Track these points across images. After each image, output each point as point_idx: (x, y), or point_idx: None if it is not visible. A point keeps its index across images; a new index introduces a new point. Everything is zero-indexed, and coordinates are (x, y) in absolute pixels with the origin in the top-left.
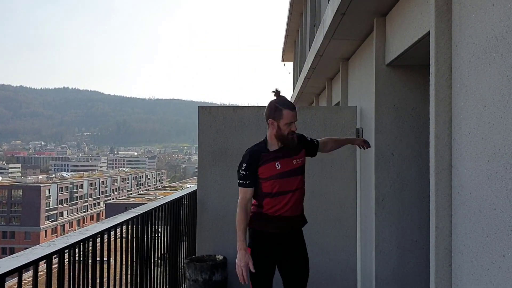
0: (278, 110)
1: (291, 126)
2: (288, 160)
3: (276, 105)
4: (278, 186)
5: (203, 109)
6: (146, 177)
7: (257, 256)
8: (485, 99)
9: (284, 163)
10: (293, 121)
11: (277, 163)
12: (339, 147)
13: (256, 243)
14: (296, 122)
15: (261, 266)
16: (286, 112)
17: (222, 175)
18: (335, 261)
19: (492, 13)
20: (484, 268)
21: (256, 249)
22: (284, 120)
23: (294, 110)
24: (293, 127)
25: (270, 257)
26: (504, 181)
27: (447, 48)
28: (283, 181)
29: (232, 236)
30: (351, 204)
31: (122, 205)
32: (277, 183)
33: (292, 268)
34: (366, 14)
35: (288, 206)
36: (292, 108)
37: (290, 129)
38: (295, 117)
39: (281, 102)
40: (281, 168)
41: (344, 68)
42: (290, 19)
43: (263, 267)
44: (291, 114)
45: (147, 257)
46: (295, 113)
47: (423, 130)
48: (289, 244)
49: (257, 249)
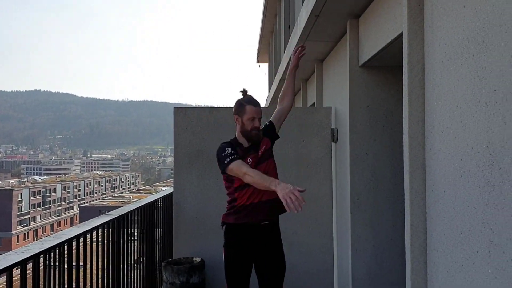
0: (242, 106)
1: (254, 121)
2: (256, 154)
3: (240, 101)
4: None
5: (178, 110)
6: (120, 180)
7: (232, 253)
8: (457, 98)
9: (254, 157)
10: (256, 117)
11: (249, 158)
12: (292, 88)
13: (231, 240)
14: (260, 119)
15: (237, 263)
16: (249, 108)
17: (199, 176)
18: (311, 260)
19: (463, 14)
20: (459, 264)
21: (232, 246)
22: (247, 115)
23: (257, 106)
24: (256, 123)
25: (246, 254)
26: (477, 179)
27: (419, 49)
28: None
29: (209, 238)
30: (327, 203)
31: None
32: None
33: (269, 266)
34: (340, 15)
35: (259, 191)
36: (255, 104)
37: (253, 124)
38: (259, 113)
39: (245, 99)
40: (252, 163)
41: (319, 70)
42: (264, 21)
43: (239, 264)
44: (254, 110)
45: (122, 261)
46: (258, 109)
47: (397, 129)
48: (265, 240)
49: (233, 246)
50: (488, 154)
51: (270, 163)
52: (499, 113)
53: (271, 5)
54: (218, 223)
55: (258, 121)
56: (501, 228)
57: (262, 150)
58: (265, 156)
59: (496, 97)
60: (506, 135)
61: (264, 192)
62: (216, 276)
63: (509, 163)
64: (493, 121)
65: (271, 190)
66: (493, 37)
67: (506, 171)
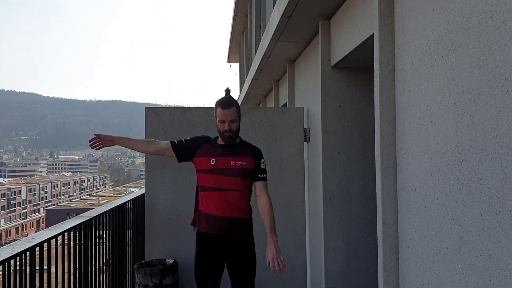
0: (215, 108)
1: (224, 124)
2: (226, 160)
3: (216, 102)
4: (209, 181)
5: (150, 110)
6: (88, 182)
7: (202, 254)
8: (427, 99)
9: (220, 161)
10: (225, 120)
11: (213, 159)
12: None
13: (200, 243)
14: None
15: (206, 264)
16: (219, 110)
17: (171, 177)
18: (284, 258)
19: (432, 17)
20: (430, 260)
21: (201, 247)
22: (218, 118)
23: (226, 108)
24: (226, 126)
25: (216, 255)
26: (446, 177)
27: (390, 51)
28: (216, 178)
29: (182, 239)
30: (300, 202)
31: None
32: (209, 177)
33: (238, 267)
34: (311, 17)
35: (218, 204)
36: (224, 106)
37: (224, 127)
38: (228, 117)
39: (220, 100)
40: (215, 165)
41: (291, 70)
42: (235, 21)
43: (208, 265)
44: (223, 113)
45: (91, 264)
46: (227, 112)
47: (367, 129)
48: (233, 248)
49: (202, 247)
50: (457, 153)
51: (240, 181)
52: (467, 113)
53: (242, 5)
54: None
55: (228, 124)
56: (470, 224)
57: (238, 164)
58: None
59: (464, 97)
60: (474, 134)
61: (219, 207)
62: (189, 277)
63: (477, 161)
64: (462, 121)
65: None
66: (461, 40)
67: (475, 169)
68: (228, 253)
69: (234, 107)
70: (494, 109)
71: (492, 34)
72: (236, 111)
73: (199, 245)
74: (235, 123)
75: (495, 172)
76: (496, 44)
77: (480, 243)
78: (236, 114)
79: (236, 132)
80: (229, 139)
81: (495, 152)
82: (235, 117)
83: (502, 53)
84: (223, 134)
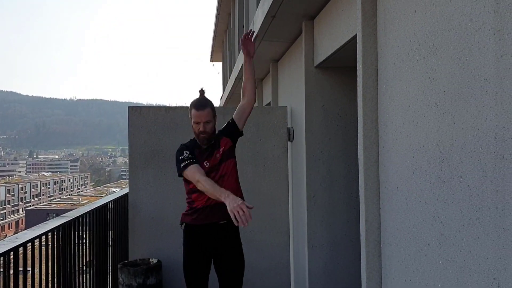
0: (190, 110)
1: (199, 126)
2: (214, 156)
3: (191, 103)
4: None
5: (133, 109)
6: (69, 182)
7: (190, 251)
8: (409, 99)
9: (212, 160)
10: (200, 122)
11: (206, 161)
12: (251, 80)
13: (189, 239)
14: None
15: (195, 261)
16: (193, 112)
17: (155, 177)
18: (268, 257)
19: (414, 18)
20: (412, 257)
21: (190, 245)
22: (192, 119)
23: (200, 110)
24: (201, 128)
25: (204, 252)
26: (428, 175)
27: (373, 51)
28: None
29: (166, 239)
30: (284, 201)
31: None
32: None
33: (227, 265)
34: (295, 17)
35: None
36: (197, 108)
37: (199, 128)
38: (202, 118)
39: (194, 101)
40: (209, 166)
41: (274, 70)
42: (218, 19)
43: (197, 262)
44: (197, 114)
45: (73, 264)
46: (201, 114)
47: (350, 129)
48: (223, 239)
49: (191, 245)
50: (439, 152)
51: (228, 164)
52: (448, 113)
53: (225, 3)
54: (175, 223)
55: (203, 125)
56: (450, 221)
57: (221, 151)
58: (224, 157)
59: (445, 97)
60: (455, 133)
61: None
62: (173, 277)
63: (458, 160)
64: (443, 120)
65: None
66: (442, 41)
67: (455, 168)
68: (216, 244)
69: (208, 108)
70: (474, 109)
71: (472, 36)
72: (210, 112)
73: (187, 239)
74: (209, 123)
75: (474, 170)
76: (475, 46)
77: (460, 239)
78: (211, 115)
79: (211, 133)
80: (205, 140)
81: (475, 150)
82: (209, 118)
83: (481, 54)
84: (198, 136)
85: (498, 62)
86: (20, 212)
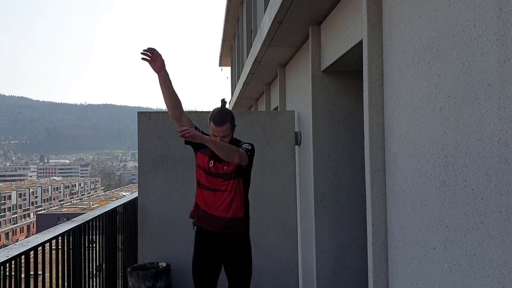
0: (210, 120)
1: (217, 138)
2: (221, 164)
3: (211, 114)
4: (204, 180)
5: (142, 114)
6: (79, 186)
7: (199, 252)
8: (414, 103)
9: (216, 165)
10: (216, 135)
11: (211, 161)
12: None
13: (198, 239)
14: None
15: (203, 262)
16: (211, 125)
17: (164, 181)
18: (277, 261)
19: (419, 24)
20: (418, 260)
21: (199, 246)
22: (211, 131)
23: (218, 125)
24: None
25: (214, 254)
26: (433, 179)
27: (378, 56)
28: (210, 179)
29: (175, 243)
30: (292, 205)
31: (55, 216)
32: (204, 176)
33: (235, 267)
34: (302, 22)
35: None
36: (216, 123)
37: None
38: (219, 133)
39: (214, 113)
40: (212, 167)
41: (282, 74)
42: (226, 25)
43: (205, 263)
44: (214, 129)
45: (84, 268)
46: (220, 129)
47: (357, 132)
48: (230, 245)
49: (200, 246)
50: (443, 156)
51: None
52: (452, 117)
53: (233, 9)
54: (184, 227)
55: (220, 139)
56: (455, 225)
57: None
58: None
59: (450, 102)
60: (459, 138)
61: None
62: (182, 280)
63: (462, 164)
64: (448, 125)
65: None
66: (447, 46)
67: (460, 172)
68: (226, 250)
69: (227, 124)
70: (478, 113)
71: (475, 41)
72: (228, 127)
73: (198, 241)
74: (227, 137)
75: (479, 174)
76: (479, 51)
77: (465, 243)
78: (229, 129)
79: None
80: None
81: (479, 155)
82: (227, 133)
83: (484, 59)
84: None
85: (501, 67)
86: (31, 216)
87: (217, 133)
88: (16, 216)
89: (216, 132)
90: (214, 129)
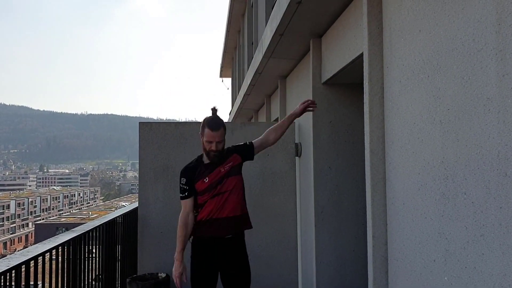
0: (203, 127)
1: (211, 145)
2: (216, 171)
3: (203, 121)
4: (207, 194)
5: (143, 125)
6: (79, 196)
7: (197, 264)
8: (414, 116)
9: (212, 175)
10: (213, 141)
11: (206, 178)
12: (284, 129)
13: (197, 252)
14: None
15: (202, 274)
16: (207, 131)
17: (165, 191)
18: (276, 273)
19: (419, 38)
20: (418, 272)
21: (197, 257)
22: (205, 138)
23: (215, 131)
24: (213, 147)
25: (211, 264)
26: (433, 192)
27: (379, 69)
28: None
29: (174, 253)
30: (292, 217)
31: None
32: (208, 193)
33: (233, 278)
34: (303, 35)
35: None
36: (213, 128)
37: (210, 147)
38: (215, 138)
39: (208, 120)
40: (208, 181)
41: (282, 86)
42: (227, 36)
43: (204, 275)
44: (211, 134)
45: (83, 278)
46: (215, 134)
47: (358, 144)
48: (230, 252)
49: (198, 257)
50: (443, 169)
51: (234, 179)
52: (452, 131)
53: (235, 21)
54: None
55: (215, 144)
56: (455, 238)
57: (228, 166)
58: (232, 171)
59: (449, 115)
60: (459, 151)
61: (226, 209)
62: None
63: (462, 177)
64: (447, 138)
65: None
66: (446, 60)
67: (459, 185)
68: (223, 256)
69: (221, 129)
70: (477, 127)
71: (475, 56)
72: (223, 132)
73: (194, 252)
74: (221, 143)
75: (478, 187)
76: (478, 65)
77: (466, 256)
78: (223, 134)
79: (222, 151)
80: (215, 158)
81: (478, 168)
82: (222, 138)
83: (484, 73)
84: (209, 153)
85: (500, 81)
86: (30, 226)
87: (212, 138)
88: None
89: (212, 137)
90: (210, 134)
